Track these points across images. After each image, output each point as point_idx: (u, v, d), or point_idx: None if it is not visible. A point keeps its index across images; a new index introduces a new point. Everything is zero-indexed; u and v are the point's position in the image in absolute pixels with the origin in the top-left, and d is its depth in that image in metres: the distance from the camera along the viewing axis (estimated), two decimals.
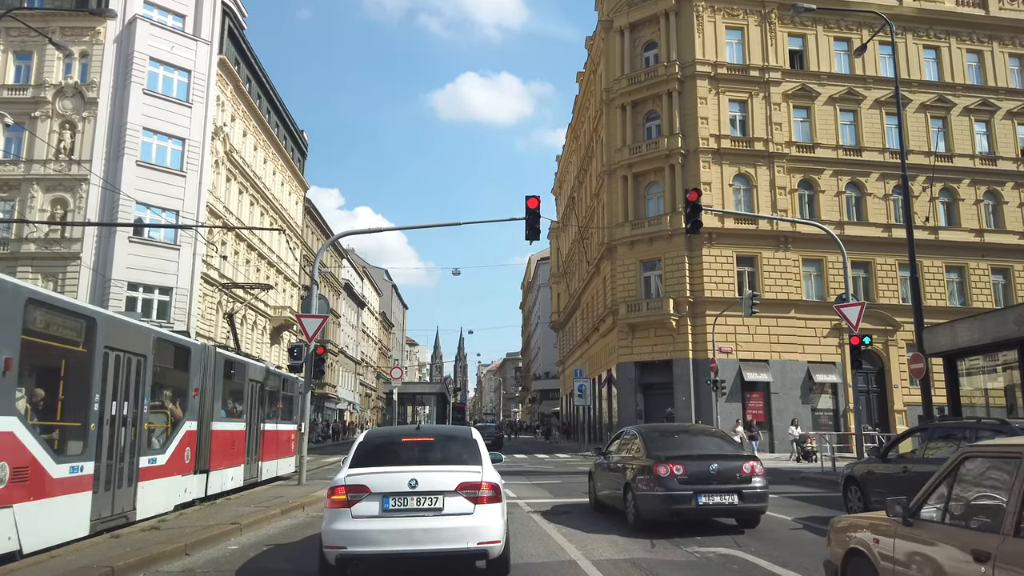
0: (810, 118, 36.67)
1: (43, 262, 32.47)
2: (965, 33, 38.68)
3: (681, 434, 11.55)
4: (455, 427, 9.25)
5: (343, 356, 69.55)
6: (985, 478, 4.39)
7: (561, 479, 19.59)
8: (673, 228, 34.49)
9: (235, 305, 40.42)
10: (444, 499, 6.61)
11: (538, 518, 11.48)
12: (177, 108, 35.23)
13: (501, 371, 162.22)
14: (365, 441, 7.56)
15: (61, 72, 34.55)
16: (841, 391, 34.27)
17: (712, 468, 9.72)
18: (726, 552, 8.32)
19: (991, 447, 4.69)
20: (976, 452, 4.58)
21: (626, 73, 37.64)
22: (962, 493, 4.44)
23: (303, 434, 16.85)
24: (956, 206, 37.13)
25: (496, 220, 21.35)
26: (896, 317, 34.45)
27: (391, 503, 6.58)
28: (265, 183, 46.37)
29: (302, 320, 16.49)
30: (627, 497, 10.32)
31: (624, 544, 8.99)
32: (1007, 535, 3.76)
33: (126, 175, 32.66)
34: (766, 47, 36.56)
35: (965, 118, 37.89)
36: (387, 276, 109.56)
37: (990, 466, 4.37)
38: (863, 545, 5.09)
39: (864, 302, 18.34)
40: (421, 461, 7.11)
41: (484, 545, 6.54)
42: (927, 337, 14.91)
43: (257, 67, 46.11)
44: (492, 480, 6.85)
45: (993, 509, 4.10)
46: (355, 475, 6.76)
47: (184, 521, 10.29)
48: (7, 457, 7.17)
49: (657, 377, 34.81)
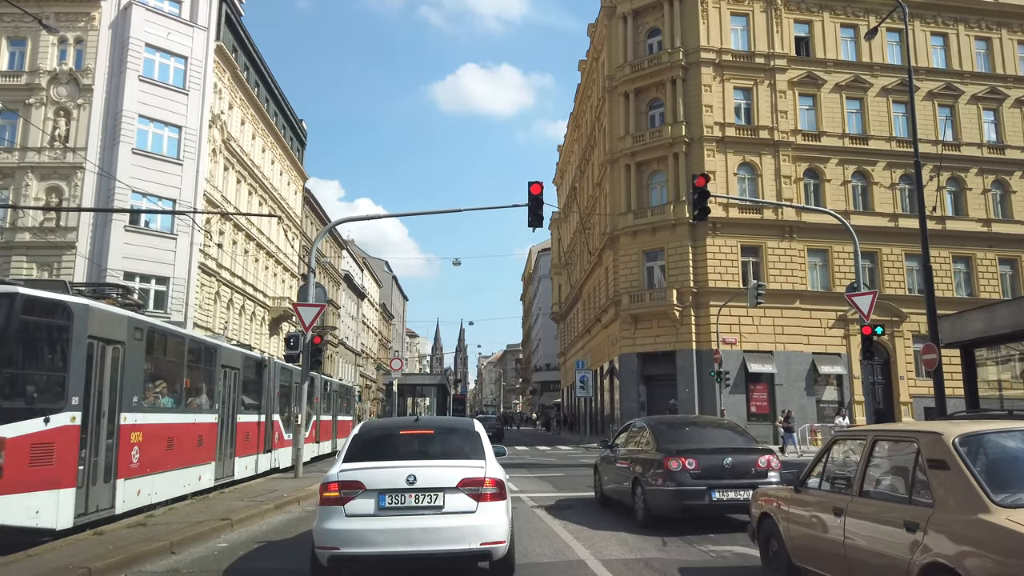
0: (816, 106, 36.11)
1: (38, 251, 32.00)
2: (973, 20, 38.09)
3: (692, 426, 11.10)
4: (456, 419, 8.74)
5: (343, 347, 69.14)
6: (847, 455, 5.72)
7: (564, 472, 19.18)
8: (677, 217, 34.01)
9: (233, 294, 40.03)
10: (445, 496, 6.17)
11: (542, 513, 11.05)
12: (173, 95, 34.68)
13: (501, 363, 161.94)
14: (360, 434, 7.10)
15: (55, 58, 33.97)
16: (846, 383, 33.87)
17: (726, 462, 9.28)
18: (743, 551, 7.88)
19: (852, 431, 6.36)
20: (843, 436, 6.08)
21: (629, 60, 37.06)
22: (832, 467, 5.81)
23: (299, 425, 16.44)
24: (963, 195, 36.64)
25: (498, 207, 20.95)
26: (902, 308, 34.03)
27: (388, 500, 6.15)
28: (263, 172, 45.84)
29: (298, 309, 16.04)
30: (636, 492, 9.89)
31: (634, 542, 8.55)
32: (855, 496, 5.13)
33: (122, 163, 32.13)
34: (772, 33, 35.98)
35: (973, 106, 37.35)
36: (387, 267, 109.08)
37: (850, 446, 5.73)
38: (770, 509, 6.44)
39: (875, 291, 17.82)
40: (420, 455, 6.67)
41: (488, 546, 6.09)
42: (944, 326, 14.43)
43: (255, 55, 45.49)
44: (496, 476, 6.40)
45: (849, 478, 5.41)
46: (349, 470, 6.31)
47: (173, 516, 9.84)
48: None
49: (660, 368, 34.38)
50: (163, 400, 11.70)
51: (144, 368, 10.77)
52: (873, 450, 5.17)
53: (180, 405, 12.41)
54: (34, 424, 8.19)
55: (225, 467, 14.32)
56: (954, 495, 4.22)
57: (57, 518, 8.38)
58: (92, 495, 9.19)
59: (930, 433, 4.65)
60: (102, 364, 9.47)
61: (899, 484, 4.89)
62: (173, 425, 11.99)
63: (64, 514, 8.53)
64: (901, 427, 5.24)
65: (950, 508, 4.20)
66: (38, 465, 8.18)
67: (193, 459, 12.69)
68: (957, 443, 4.38)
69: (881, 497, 4.97)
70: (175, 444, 11.89)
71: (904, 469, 4.84)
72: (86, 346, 9.04)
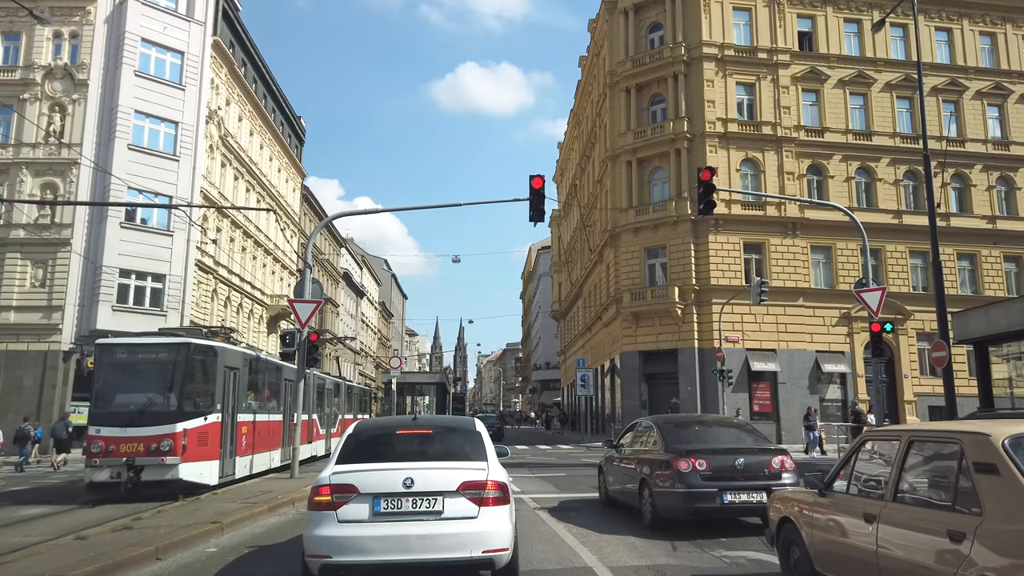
0: (819, 102, 35.74)
1: (32, 248, 31.60)
2: (978, 15, 37.71)
3: (701, 425, 10.66)
4: (456, 418, 8.28)
5: (342, 346, 68.76)
6: (878, 457, 5.29)
7: (566, 471, 18.80)
8: (679, 214, 33.64)
9: (230, 292, 39.65)
10: (444, 501, 5.78)
11: (545, 516, 10.67)
12: (170, 91, 34.28)
13: (501, 361, 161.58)
14: (354, 433, 6.69)
15: (51, 53, 33.59)
16: (850, 381, 33.53)
17: (737, 463, 8.87)
18: (757, 557, 7.51)
19: (882, 431, 5.79)
20: (872, 436, 5.62)
21: (630, 55, 36.67)
22: (861, 469, 5.37)
23: (295, 424, 16.07)
24: (968, 192, 36.29)
25: (499, 200, 20.59)
26: (906, 306, 33.69)
27: (383, 505, 5.75)
28: (261, 169, 45.44)
29: (294, 305, 15.64)
30: (643, 494, 9.49)
31: (643, 547, 8.16)
32: (888, 501, 4.71)
33: (117, 159, 31.73)
34: (774, 28, 35.60)
35: (977, 102, 36.98)
36: (386, 266, 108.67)
37: (881, 447, 5.28)
38: (791, 514, 6.04)
39: (885, 287, 17.45)
40: (418, 457, 6.26)
41: (490, 554, 5.70)
42: (957, 323, 14.06)
43: (253, 51, 45.07)
44: (499, 479, 6.00)
45: (880, 481, 5.00)
46: (342, 473, 5.91)
47: (161, 520, 9.45)
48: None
49: (662, 367, 34.01)
50: (256, 405, 17.03)
51: (248, 384, 16.14)
52: (908, 451, 4.74)
53: (264, 408, 17.83)
54: (199, 421, 13.49)
55: (284, 453, 18.58)
56: (1006, 503, 3.82)
57: (211, 479, 13.48)
58: (225, 465, 14.09)
59: (975, 434, 4.24)
60: (230, 383, 14.32)
61: (940, 489, 4.47)
62: (261, 422, 17.28)
63: (214, 476, 13.63)
64: (941, 427, 4.77)
65: (1001, 517, 3.80)
66: (201, 445, 13.43)
67: (270, 445, 18.11)
68: (1008, 445, 3.97)
69: (919, 503, 4.56)
70: (261, 435, 17.17)
71: (945, 473, 4.43)
72: (223, 372, 13.82)
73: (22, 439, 23.24)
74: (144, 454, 12.77)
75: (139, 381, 13.58)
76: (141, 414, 13.06)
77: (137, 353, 13.96)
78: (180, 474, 12.93)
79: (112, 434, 12.91)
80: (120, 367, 13.79)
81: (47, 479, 19.32)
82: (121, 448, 12.77)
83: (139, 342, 14.44)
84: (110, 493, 12.87)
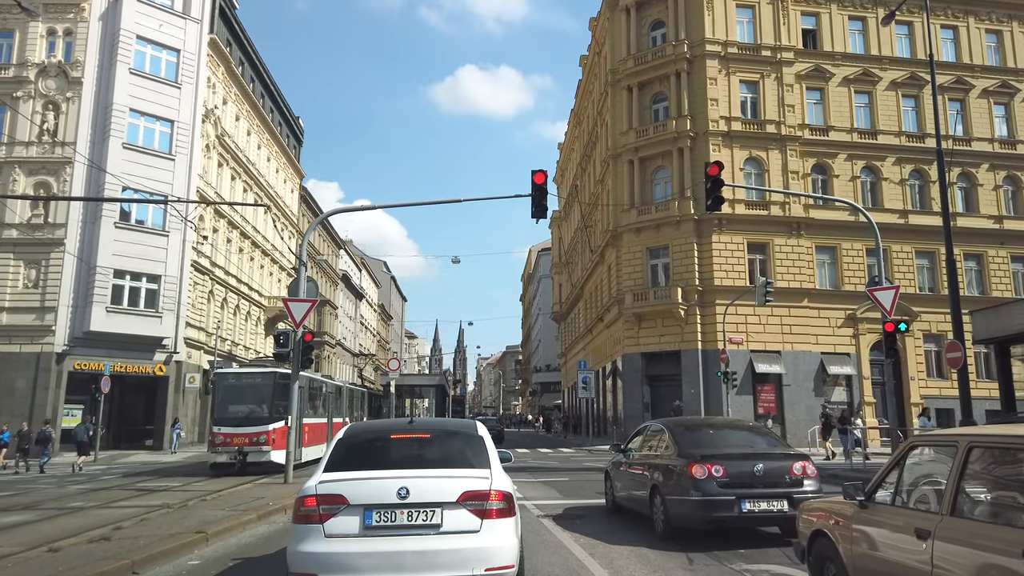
0: (824, 100, 35.25)
1: (25, 248, 31.11)
2: (984, 12, 37.24)
3: (715, 429, 10.05)
4: (456, 420, 7.66)
5: (340, 348, 68.18)
6: (929, 465, 4.79)
7: (569, 476, 18.26)
8: (681, 214, 33.14)
9: (227, 293, 39.10)
10: (443, 513, 5.23)
11: (550, 524, 10.12)
12: (165, 89, 33.82)
13: (501, 364, 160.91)
14: (345, 438, 6.13)
15: (44, 51, 33.12)
16: (856, 383, 32.99)
17: (756, 469, 8.29)
18: (781, 571, 6.96)
19: (934, 436, 5.12)
20: (922, 441, 5.10)
21: (632, 53, 36.18)
22: (909, 478, 4.83)
23: (291, 428, 15.55)
24: (974, 192, 35.80)
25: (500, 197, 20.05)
26: (913, 307, 33.14)
27: (375, 518, 5.19)
28: (259, 169, 44.94)
29: (289, 304, 15.09)
30: (654, 501, 8.95)
31: (656, 560, 7.61)
32: (945, 515, 4.14)
33: (112, 158, 31.24)
34: (778, 26, 35.11)
35: (984, 100, 36.51)
36: (386, 268, 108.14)
37: (933, 453, 4.82)
38: (826, 527, 5.49)
39: (898, 286, 16.93)
40: (415, 464, 5.71)
41: (493, 572, 5.14)
42: (977, 322, 13.53)
43: (250, 49, 44.59)
44: (503, 488, 5.45)
45: (934, 492, 4.50)
46: (330, 481, 5.36)
47: (143, 528, 8.88)
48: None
49: (664, 368, 33.47)
50: (310, 411, 23.27)
51: (308, 397, 22.71)
52: (968, 459, 4.17)
53: (316, 414, 24.35)
54: (281, 423, 19.06)
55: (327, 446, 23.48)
56: None
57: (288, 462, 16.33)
58: (294, 453, 16.86)
59: None
60: (298, 397, 17.06)
61: (1010, 504, 3.94)
62: (314, 424, 23.58)
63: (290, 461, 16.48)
64: (1008, 432, 4.18)
65: None
66: (283, 439, 18.52)
67: (320, 440, 23.74)
68: None
69: (983, 518, 4.04)
70: (315, 432, 23.37)
71: (1017, 485, 3.91)
72: (297, 389, 16.58)
73: (43, 440, 24.03)
74: (249, 445, 19.20)
75: (245, 396, 20.34)
76: (246, 418, 19.65)
77: (243, 379, 21.08)
78: (271, 458, 19.21)
79: (228, 431, 19.52)
80: (232, 387, 20.62)
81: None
82: (234, 440, 19.27)
83: (244, 371, 22.04)
84: (226, 470, 19.14)
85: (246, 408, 19.88)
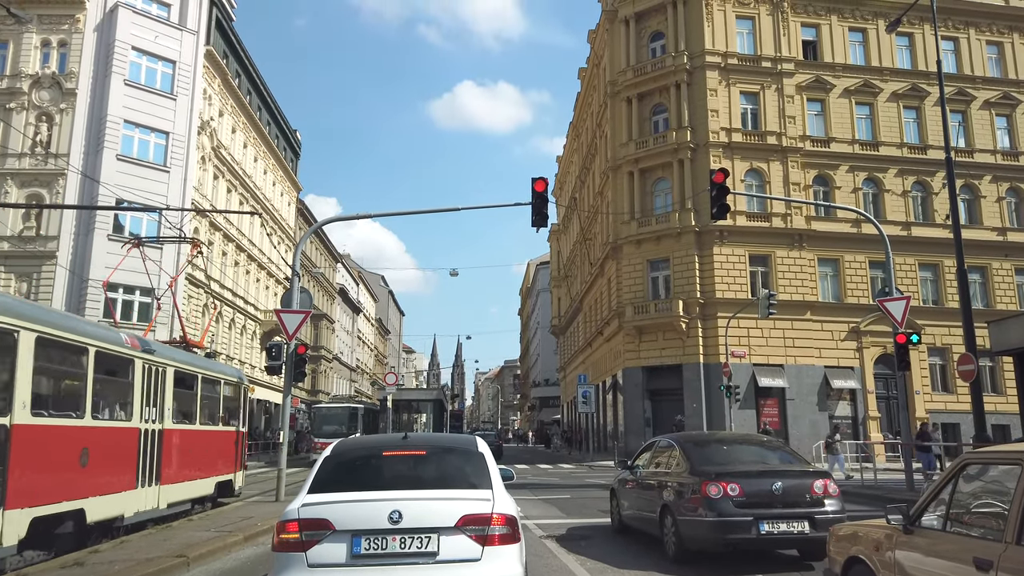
0: (825, 111, 34.99)
1: (16, 261, 30.63)
2: (984, 24, 37.09)
3: (728, 444, 9.50)
4: (454, 436, 7.16)
5: (337, 363, 67.58)
6: (986, 485, 4.34)
7: (570, 493, 17.75)
8: (682, 225, 32.78)
9: (222, 307, 38.60)
10: (440, 539, 4.72)
11: (554, 546, 9.62)
12: (161, 100, 33.48)
13: (499, 379, 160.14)
14: (333, 455, 5.61)
15: (39, 62, 32.78)
16: (860, 397, 32.51)
17: (775, 487, 7.79)
18: None
19: (992, 453, 4.63)
20: (977, 459, 4.52)
21: (632, 64, 35.94)
22: (963, 500, 4.39)
23: (282, 444, 15.01)
24: (977, 203, 35.49)
25: (499, 205, 19.73)
26: (917, 320, 32.61)
27: (364, 545, 4.68)
28: (255, 181, 44.57)
29: (281, 316, 14.61)
30: (665, 522, 8.46)
31: None
32: (1009, 543, 3.72)
33: (106, 170, 30.83)
34: (778, 37, 34.91)
35: (985, 112, 36.27)
36: (383, 282, 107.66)
37: (991, 473, 4.36)
38: (863, 553, 5.05)
39: (909, 296, 16.51)
40: (409, 484, 5.20)
41: None
42: (994, 332, 13.11)
43: (247, 62, 44.33)
44: (507, 511, 4.94)
45: (995, 516, 4.07)
46: (314, 504, 4.84)
47: (120, 552, 8.36)
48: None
49: (666, 382, 32.97)
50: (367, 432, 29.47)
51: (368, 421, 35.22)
52: None
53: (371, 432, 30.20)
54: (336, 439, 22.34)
55: None
56: None
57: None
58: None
59: None
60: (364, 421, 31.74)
61: None
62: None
63: None
64: None
65: None
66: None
67: None
68: None
69: None
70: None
71: None
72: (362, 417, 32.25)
73: None
74: None
75: (335, 421, 32.69)
76: (336, 434, 26.28)
77: (334, 411, 33.84)
78: None
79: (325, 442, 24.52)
80: (325, 415, 34.07)
81: None
82: None
83: (334, 405, 33.54)
84: None
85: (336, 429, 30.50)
